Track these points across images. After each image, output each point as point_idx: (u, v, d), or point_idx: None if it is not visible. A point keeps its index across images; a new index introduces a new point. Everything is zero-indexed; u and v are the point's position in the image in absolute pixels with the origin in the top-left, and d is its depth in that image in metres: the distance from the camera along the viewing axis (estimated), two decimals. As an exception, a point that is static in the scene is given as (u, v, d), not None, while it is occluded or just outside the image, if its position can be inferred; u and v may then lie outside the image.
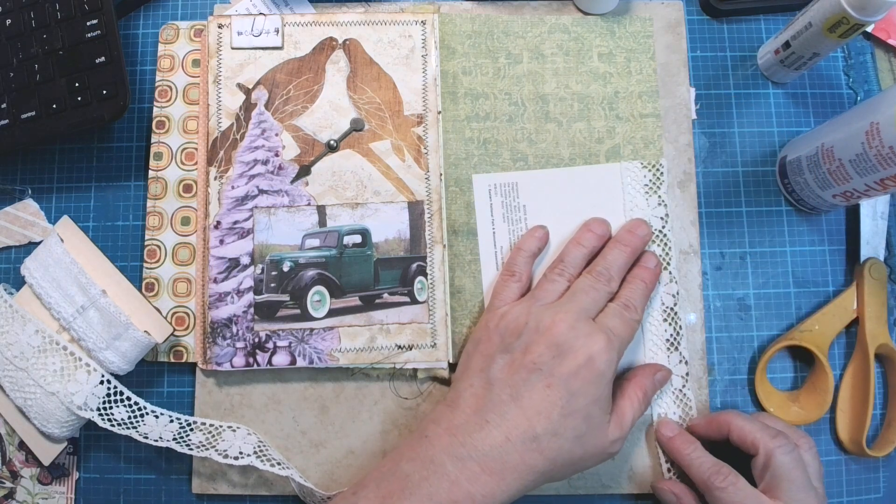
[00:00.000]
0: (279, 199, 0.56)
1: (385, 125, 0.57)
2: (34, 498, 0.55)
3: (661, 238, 0.56)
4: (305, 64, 0.57)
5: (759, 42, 0.61)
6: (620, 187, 0.56)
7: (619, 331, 0.48)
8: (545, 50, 0.59)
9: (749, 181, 0.59)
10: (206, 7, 0.61)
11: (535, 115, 0.58)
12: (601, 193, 0.56)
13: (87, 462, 0.55)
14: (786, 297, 0.57)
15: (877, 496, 0.55)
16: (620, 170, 0.57)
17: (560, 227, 0.56)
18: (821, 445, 0.55)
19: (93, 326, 0.51)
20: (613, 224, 0.55)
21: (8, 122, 0.54)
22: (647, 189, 0.56)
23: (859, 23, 0.49)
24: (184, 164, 0.57)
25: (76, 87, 0.54)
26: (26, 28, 0.54)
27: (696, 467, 0.49)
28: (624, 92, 0.58)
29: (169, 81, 0.59)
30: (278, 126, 0.56)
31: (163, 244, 0.56)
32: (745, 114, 0.60)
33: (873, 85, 0.60)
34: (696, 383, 0.55)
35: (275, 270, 0.55)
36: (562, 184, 0.57)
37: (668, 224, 0.56)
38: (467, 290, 0.56)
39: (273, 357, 0.54)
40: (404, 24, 0.58)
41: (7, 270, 0.58)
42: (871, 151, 0.47)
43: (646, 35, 0.59)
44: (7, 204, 0.59)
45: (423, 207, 0.56)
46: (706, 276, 0.57)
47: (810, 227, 0.58)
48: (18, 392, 0.51)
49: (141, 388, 0.55)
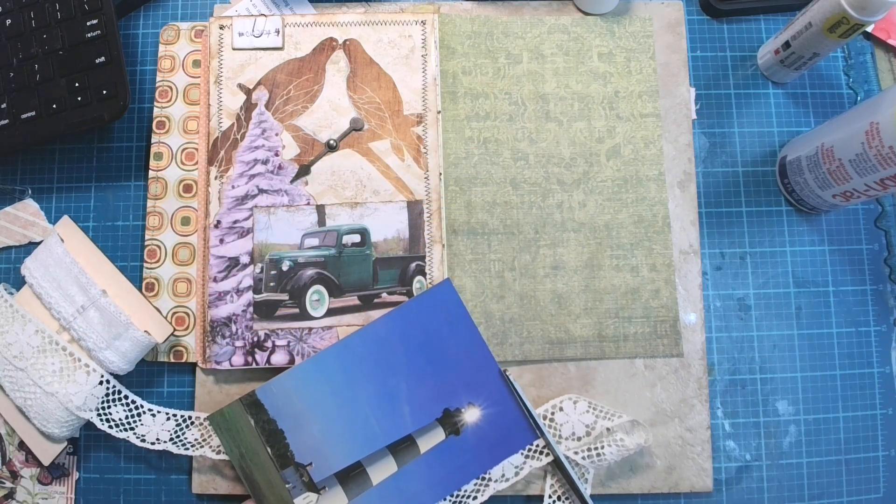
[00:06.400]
0: (279, 198, 0.56)
1: (385, 125, 0.57)
2: (34, 498, 0.55)
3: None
4: (306, 64, 0.57)
5: (759, 42, 0.61)
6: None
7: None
8: (545, 50, 0.59)
9: (749, 181, 0.59)
10: (206, 7, 0.61)
11: (535, 115, 0.58)
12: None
13: (87, 462, 0.55)
14: (786, 297, 0.57)
15: (877, 496, 0.55)
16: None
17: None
18: (821, 445, 0.55)
19: (93, 326, 0.51)
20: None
21: (8, 122, 0.54)
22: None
23: (859, 23, 0.49)
24: (184, 164, 0.57)
25: (76, 87, 0.54)
26: (26, 28, 0.55)
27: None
28: (624, 92, 0.58)
29: (169, 82, 0.59)
30: (278, 126, 0.56)
31: (163, 244, 0.57)
32: (745, 114, 0.60)
33: (873, 85, 0.60)
34: (697, 383, 0.55)
35: (274, 269, 0.55)
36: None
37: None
38: (467, 289, 0.56)
39: (272, 356, 0.54)
40: (404, 24, 0.58)
41: (7, 270, 0.58)
42: (871, 151, 0.47)
43: (646, 35, 0.59)
44: (7, 204, 0.59)
45: (423, 207, 0.56)
46: (706, 276, 0.57)
47: (810, 227, 0.58)
48: (18, 392, 0.51)
49: (141, 388, 0.55)
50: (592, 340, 0.56)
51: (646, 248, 0.57)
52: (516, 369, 0.55)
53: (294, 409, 0.51)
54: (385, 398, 0.52)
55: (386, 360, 0.52)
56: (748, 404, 0.56)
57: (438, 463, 0.52)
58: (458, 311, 0.53)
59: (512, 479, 0.52)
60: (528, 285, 0.56)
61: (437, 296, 0.53)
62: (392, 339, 0.52)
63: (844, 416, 0.56)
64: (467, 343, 0.53)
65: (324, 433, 0.51)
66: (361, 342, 0.52)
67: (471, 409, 0.52)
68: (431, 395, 0.52)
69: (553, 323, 0.56)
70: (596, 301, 0.56)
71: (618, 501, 0.54)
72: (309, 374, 0.52)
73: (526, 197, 0.57)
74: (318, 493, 0.51)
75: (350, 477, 0.51)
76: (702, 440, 0.54)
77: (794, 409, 0.56)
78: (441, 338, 0.53)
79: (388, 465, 0.51)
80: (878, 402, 0.56)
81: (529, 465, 0.53)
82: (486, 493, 0.52)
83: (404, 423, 0.52)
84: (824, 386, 0.56)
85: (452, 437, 0.52)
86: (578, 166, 0.58)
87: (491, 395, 0.53)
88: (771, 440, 0.55)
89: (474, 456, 0.52)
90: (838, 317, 0.57)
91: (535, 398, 0.55)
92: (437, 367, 0.52)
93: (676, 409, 0.55)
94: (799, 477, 0.55)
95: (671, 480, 0.54)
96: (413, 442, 0.52)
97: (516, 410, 0.53)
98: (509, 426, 0.52)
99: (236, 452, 0.51)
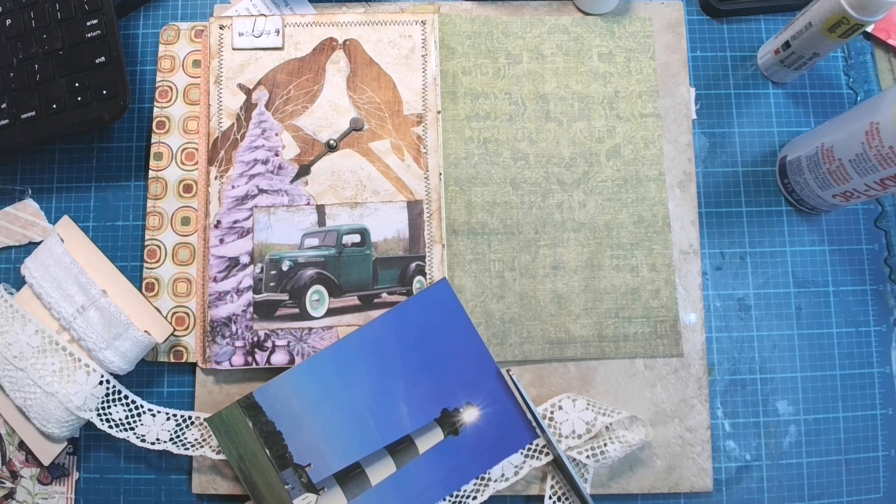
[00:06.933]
0: (279, 198, 0.56)
1: (385, 125, 0.57)
2: (34, 498, 0.55)
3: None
4: (306, 64, 0.57)
5: (759, 42, 0.61)
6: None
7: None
8: (545, 50, 0.59)
9: (749, 181, 0.59)
10: (206, 7, 0.61)
11: (535, 115, 0.58)
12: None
13: (87, 462, 0.55)
14: (786, 297, 0.57)
15: (877, 496, 0.55)
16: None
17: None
18: (821, 445, 0.55)
19: (93, 326, 0.51)
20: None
21: (8, 122, 0.54)
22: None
23: (859, 23, 0.49)
24: (184, 164, 0.57)
25: (76, 87, 0.54)
26: (26, 28, 0.55)
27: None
28: (624, 91, 0.58)
29: (169, 82, 0.59)
30: (278, 126, 0.56)
31: (163, 244, 0.57)
32: (745, 114, 0.60)
33: (873, 85, 0.60)
34: (697, 383, 0.55)
35: (274, 269, 0.55)
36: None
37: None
38: (467, 289, 0.56)
39: (272, 356, 0.54)
40: (404, 24, 0.58)
41: (7, 270, 0.58)
42: (871, 151, 0.47)
43: (646, 35, 0.59)
44: (7, 204, 0.59)
45: (423, 207, 0.56)
46: (706, 276, 0.57)
47: (810, 227, 0.58)
48: (18, 392, 0.51)
49: (141, 388, 0.55)
50: (592, 340, 0.56)
51: (646, 248, 0.57)
52: (516, 369, 0.55)
53: (292, 410, 0.51)
54: (383, 399, 0.52)
55: (383, 360, 0.52)
56: (748, 404, 0.56)
57: (437, 463, 0.52)
58: (456, 310, 0.53)
59: (512, 478, 0.52)
60: (528, 285, 0.56)
61: (434, 295, 0.53)
62: (389, 340, 0.52)
63: (844, 416, 0.56)
64: (465, 342, 0.53)
65: (322, 434, 0.51)
66: (358, 343, 0.52)
67: (469, 409, 0.52)
68: (429, 396, 0.52)
69: (553, 323, 0.56)
70: (596, 301, 0.56)
71: (618, 501, 0.54)
72: (306, 375, 0.52)
73: (526, 197, 0.57)
74: (318, 494, 0.51)
75: (349, 477, 0.51)
76: (702, 440, 0.54)
77: (794, 409, 0.56)
78: (438, 337, 0.53)
79: (386, 466, 0.51)
80: (878, 402, 0.56)
81: (529, 465, 0.53)
82: (486, 492, 0.52)
83: (402, 424, 0.52)
84: (824, 386, 0.56)
85: (451, 438, 0.52)
86: (578, 166, 0.58)
87: (489, 394, 0.53)
88: (771, 440, 0.55)
89: (473, 456, 0.52)
90: (838, 317, 0.57)
91: (534, 398, 0.55)
92: (435, 367, 0.52)
93: (676, 409, 0.55)
94: (799, 477, 0.55)
95: (671, 480, 0.54)
96: (412, 442, 0.52)
97: (515, 410, 0.53)
98: (508, 426, 0.52)
99: (235, 454, 0.51)
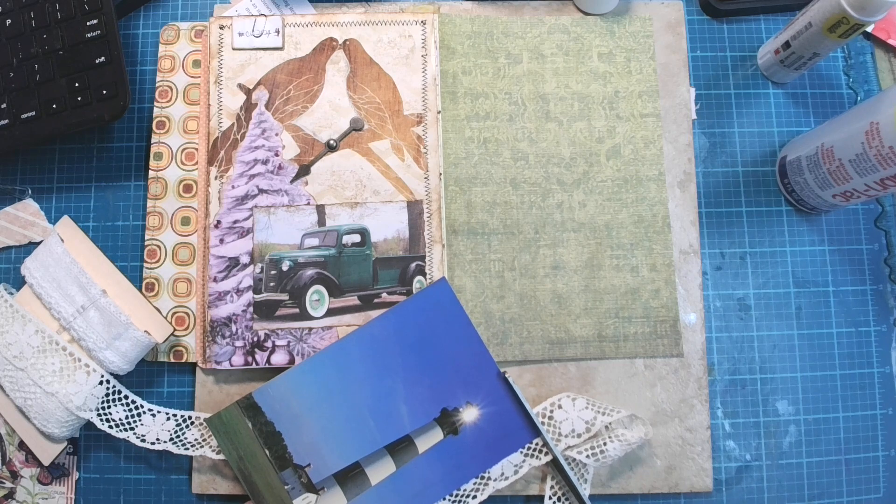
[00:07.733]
0: (279, 198, 0.56)
1: (385, 125, 0.57)
2: (34, 498, 0.55)
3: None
4: (306, 64, 0.57)
5: (759, 42, 0.61)
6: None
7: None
8: (545, 50, 0.59)
9: (749, 181, 0.59)
10: (205, 7, 0.61)
11: (535, 115, 0.58)
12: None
13: (87, 462, 0.55)
14: (786, 297, 0.57)
15: (877, 496, 0.55)
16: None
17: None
18: (821, 445, 0.55)
19: (93, 326, 0.51)
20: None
21: (8, 122, 0.54)
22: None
23: (859, 23, 0.49)
24: (184, 164, 0.57)
25: (76, 87, 0.54)
26: (26, 28, 0.55)
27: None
28: (624, 92, 0.58)
29: (169, 82, 0.59)
30: (278, 126, 0.56)
31: (163, 244, 0.57)
32: (745, 114, 0.60)
33: (873, 85, 0.60)
34: (697, 383, 0.55)
35: (274, 269, 0.55)
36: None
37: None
38: (468, 289, 0.56)
39: (272, 356, 0.54)
40: (404, 24, 0.58)
41: (7, 270, 0.58)
42: (871, 151, 0.47)
43: (646, 35, 0.59)
44: (7, 204, 0.59)
45: (423, 207, 0.56)
46: (706, 276, 0.57)
47: (810, 227, 0.58)
48: (18, 392, 0.51)
49: (141, 388, 0.55)
50: (592, 340, 0.56)
51: (646, 248, 0.57)
52: (516, 369, 0.55)
53: (291, 410, 0.51)
54: (382, 398, 0.52)
55: (382, 360, 0.52)
56: (748, 404, 0.56)
57: (437, 462, 0.52)
58: (455, 309, 0.53)
59: (511, 477, 0.52)
60: (528, 285, 0.56)
61: (433, 295, 0.53)
62: (388, 340, 0.52)
63: (844, 416, 0.56)
64: (464, 342, 0.53)
65: (322, 434, 0.51)
66: (357, 343, 0.52)
67: (469, 409, 0.52)
68: (429, 395, 0.52)
69: (553, 323, 0.56)
70: (596, 301, 0.56)
71: (618, 501, 0.54)
72: (305, 375, 0.52)
73: (526, 197, 0.57)
74: (317, 494, 0.51)
75: (349, 477, 0.51)
76: (702, 440, 0.54)
77: (794, 409, 0.56)
78: (438, 337, 0.53)
79: (386, 466, 0.51)
80: (878, 402, 0.56)
81: (529, 464, 0.53)
82: (486, 492, 0.52)
83: (402, 424, 0.52)
84: (824, 386, 0.56)
85: (451, 437, 0.52)
86: (578, 166, 0.58)
87: (489, 393, 0.53)
88: (771, 440, 0.55)
89: (473, 455, 0.52)
90: (838, 317, 0.57)
91: (534, 398, 0.55)
92: (434, 367, 0.52)
93: (676, 409, 0.55)
94: (799, 477, 0.55)
95: (671, 480, 0.54)
96: (411, 442, 0.52)
97: (515, 409, 0.53)
98: (508, 425, 0.52)
99: (234, 455, 0.51)
